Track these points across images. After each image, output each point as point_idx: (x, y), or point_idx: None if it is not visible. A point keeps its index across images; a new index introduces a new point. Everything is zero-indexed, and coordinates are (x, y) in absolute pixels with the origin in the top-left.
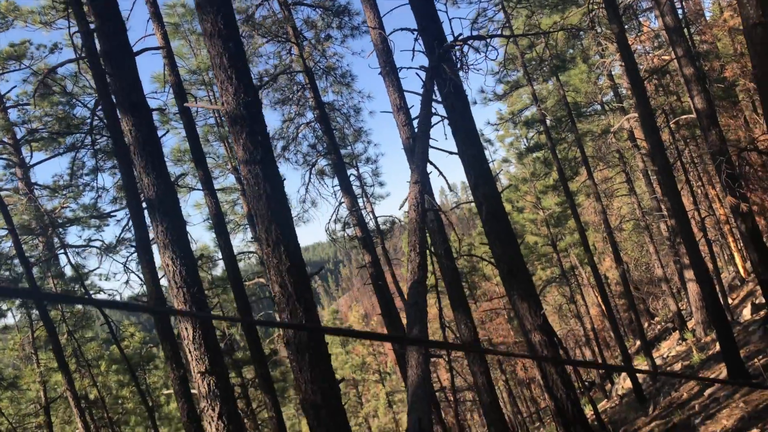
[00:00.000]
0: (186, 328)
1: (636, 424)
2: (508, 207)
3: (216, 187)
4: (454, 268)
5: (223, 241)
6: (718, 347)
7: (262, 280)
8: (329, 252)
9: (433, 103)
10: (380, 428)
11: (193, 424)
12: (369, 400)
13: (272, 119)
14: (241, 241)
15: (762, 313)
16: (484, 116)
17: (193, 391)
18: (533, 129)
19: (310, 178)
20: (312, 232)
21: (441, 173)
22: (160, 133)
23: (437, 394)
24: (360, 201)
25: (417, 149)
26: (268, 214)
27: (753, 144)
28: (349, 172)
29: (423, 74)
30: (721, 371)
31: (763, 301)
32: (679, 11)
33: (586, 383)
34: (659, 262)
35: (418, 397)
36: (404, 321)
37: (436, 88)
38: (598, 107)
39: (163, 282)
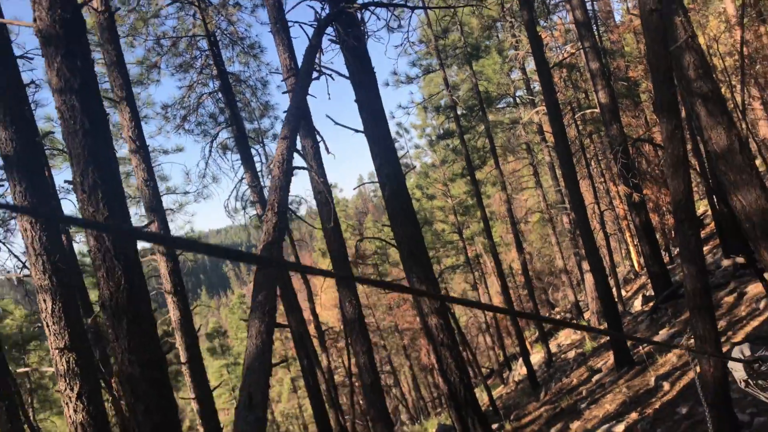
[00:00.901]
0: (44, 300)
1: (527, 409)
2: (418, 193)
3: None
4: (342, 243)
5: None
6: (609, 337)
7: (155, 257)
8: (242, 236)
9: (341, 78)
10: (282, 413)
11: (3, 402)
12: (273, 384)
13: (171, 87)
14: (134, 215)
15: (650, 304)
16: (397, 100)
17: (50, 369)
18: (444, 115)
19: (210, 151)
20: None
21: (318, 133)
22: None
23: (341, 378)
24: (264, 180)
25: (291, 103)
26: (85, 153)
27: (648, 135)
28: (256, 148)
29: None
30: (610, 357)
31: (653, 293)
32: (590, 9)
33: (487, 370)
34: (560, 254)
35: (253, 371)
36: (302, 303)
37: (344, 64)
38: (510, 100)
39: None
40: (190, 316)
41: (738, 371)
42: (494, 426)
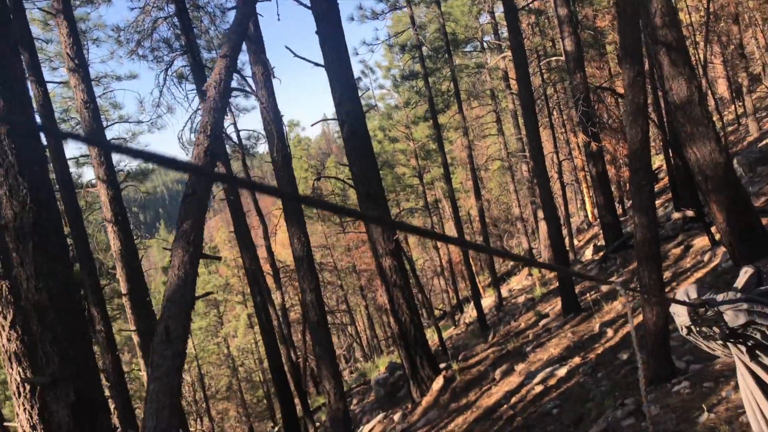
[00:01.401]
0: None
1: (475, 350)
2: (380, 135)
3: (58, 79)
4: (292, 177)
5: (53, 140)
6: (558, 283)
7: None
8: None
9: (305, 11)
10: (238, 347)
11: None
12: (230, 320)
13: (124, 8)
14: (73, 145)
15: (601, 254)
16: (361, 37)
17: None
18: (410, 55)
19: (165, 80)
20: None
21: (264, 55)
22: None
23: (297, 315)
24: None
25: (235, 20)
26: None
27: (610, 84)
28: None
29: None
30: (557, 303)
31: (604, 243)
32: None
33: (439, 312)
34: (518, 202)
35: (174, 302)
36: (258, 240)
37: None
38: (477, 44)
39: None
40: (132, 246)
41: (681, 316)
42: (442, 365)
